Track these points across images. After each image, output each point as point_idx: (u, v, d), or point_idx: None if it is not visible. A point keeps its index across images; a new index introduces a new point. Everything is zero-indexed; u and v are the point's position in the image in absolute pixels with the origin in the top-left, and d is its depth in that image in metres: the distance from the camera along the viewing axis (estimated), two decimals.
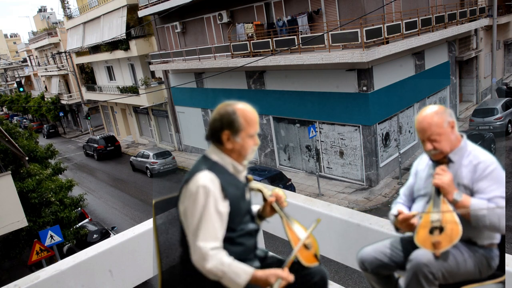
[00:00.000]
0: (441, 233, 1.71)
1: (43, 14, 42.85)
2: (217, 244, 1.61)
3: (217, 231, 1.62)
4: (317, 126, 14.51)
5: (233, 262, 1.59)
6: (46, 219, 9.81)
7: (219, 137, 1.71)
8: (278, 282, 1.58)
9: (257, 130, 1.74)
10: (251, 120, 1.71)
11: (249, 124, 1.70)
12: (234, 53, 15.50)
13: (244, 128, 1.69)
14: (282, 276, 1.59)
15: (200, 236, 1.59)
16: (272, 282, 1.58)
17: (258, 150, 17.47)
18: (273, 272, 1.60)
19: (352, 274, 8.69)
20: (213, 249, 1.58)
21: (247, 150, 1.72)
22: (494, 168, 1.82)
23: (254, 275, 1.59)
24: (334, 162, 14.75)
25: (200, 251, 1.58)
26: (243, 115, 1.69)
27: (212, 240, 1.60)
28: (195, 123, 20.82)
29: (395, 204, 2.15)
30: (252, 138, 1.72)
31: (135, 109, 26.17)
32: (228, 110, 1.70)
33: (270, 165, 17.02)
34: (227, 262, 1.58)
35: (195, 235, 1.60)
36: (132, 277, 2.64)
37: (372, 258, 2.03)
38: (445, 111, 1.90)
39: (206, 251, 1.57)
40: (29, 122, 45.20)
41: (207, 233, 1.59)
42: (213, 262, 1.57)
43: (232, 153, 1.72)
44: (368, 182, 13.70)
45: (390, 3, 12.73)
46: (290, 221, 1.87)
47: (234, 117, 1.68)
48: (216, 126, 1.70)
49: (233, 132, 1.68)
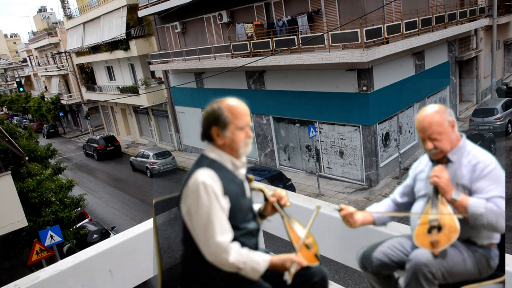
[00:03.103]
0: (439, 232, 1.71)
1: (43, 14, 42.86)
2: (231, 235, 1.64)
3: (226, 224, 1.64)
4: (317, 126, 14.51)
5: (250, 252, 1.64)
6: (46, 219, 9.80)
7: (210, 134, 1.73)
8: (294, 266, 1.64)
9: (247, 123, 1.74)
10: (238, 113, 1.71)
11: (236, 117, 1.70)
12: (234, 53, 15.51)
13: (231, 121, 1.69)
14: (297, 260, 1.65)
15: (216, 231, 1.59)
16: (288, 266, 1.64)
17: (258, 150, 17.48)
18: (288, 257, 1.66)
19: (352, 274, 8.69)
20: (231, 241, 1.62)
21: (238, 144, 1.72)
22: (493, 168, 1.82)
23: (272, 261, 1.65)
24: (334, 162, 14.75)
25: (220, 245, 1.59)
26: (228, 108, 1.71)
27: (228, 233, 1.62)
28: (195, 123, 20.81)
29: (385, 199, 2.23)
30: (242, 131, 1.72)
31: (135, 109, 26.17)
32: (214, 107, 1.73)
33: (270, 165, 17.02)
34: (245, 252, 1.62)
35: (208, 232, 1.60)
36: (132, 277, 2.64)
37: (372, 258, 2.04)
38: (446, 110, 1.90)
39: (227, 245, 1.59)
40: (29, 122, 45.22)
41: (220, 227, 1.60)
42: (234, 255, 1.60)
43: (225, 149, 1.73)
44: (368, 182, 13.70)
45: (390, 3, 12.73)
46: (291, 221, 1.87)
47: (219, 112, 1.70)
48: (205, 124, 1.74)
49: (221, 127, 1.70)
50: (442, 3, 16.16)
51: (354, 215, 2.01)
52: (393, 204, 2.19)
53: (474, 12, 17.61)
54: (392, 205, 2.19)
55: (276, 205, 1.85)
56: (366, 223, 2.07)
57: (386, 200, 2.22)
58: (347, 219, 2.01)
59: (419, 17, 13.44)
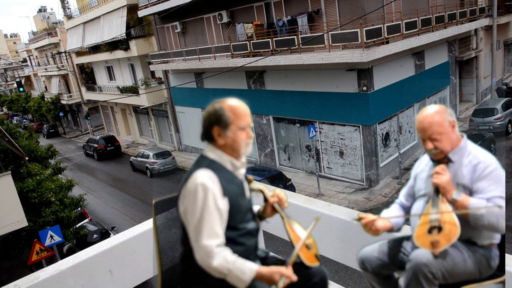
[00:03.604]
0: (440, 232, 1.71)
1: (43, 14, 42.86)
2: (221, 241, 1.61)
3: (218, 228, 1.62)
4: (317, 126, 14.51)
5: (238, 259, 1.60)
6: (46, 219, 9.80)
7: (211, 134, 1.72)
8: (282, 280, 1.58)
9: (249, 123, 1.74)
10: (239, 113, 1.71)
11: (238, 117, 1.70)
12: (234, 53, 15.51)
13: (232, 121, 1.69)
14: (286, 274, 1.59)
15: (204, 234, 1.59)
16: (276, 280, 1.58)
17: (258, 150, 17.48)
18: (277, 270, 1.60)
19: (352, 274, 8.69)
20: (217, 246, 1.59)
21: (239, 144, 1.72)
22: (493, 168, 1.82)
23: (259, 271, 1.60)
24: (334, 162, 14.75)
25: (205, 249, 1.58)
26: (230, 109, 1.70)
27: (215, 238, 1.60)
28: (195, 123, 20.80)
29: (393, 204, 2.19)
30: (243, 131, 1.72)
31: (135, 109, 26.17)
32: (215, 107, 1.72)
33: (270, 165, 17.02)
34: (232, 259, 1.58)
35: (197, 234, 1.60)
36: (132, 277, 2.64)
37: (372, 258, 2.04)
38: (446, 111, 1.90)
39: (211, 249, 1.57)
40: (29, 122, 45.23)
41: (210, 230, 1.59)
42: (218, 260, 1.57)
43: (226, 149, 1.73)
44: (368, 182, 13.70)
45: (390, 3, 12.73)
46: (291, 222, 1.87)
47: (221, 112, 1.69)
48: (206, 124, 1.73)
49: (222, 127, 1.70)
50: (442, 3, 16.16)
51: (376, 222, 1.95)
52: (401, 208, 2.16)
53: (474, 12, 17.61)
54: (400, 209, 2.16)
55: (277, 206, 1.85)
56: (386, 229, 2.00)
57: (394, 206, 2.19)
58: (369, 227, 1.95)
59: (419, 17, 13.44)
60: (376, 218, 1.96)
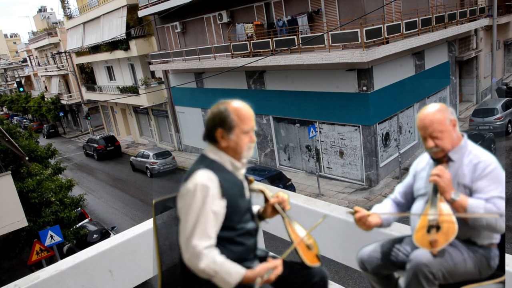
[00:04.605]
0: (438, 232, 1.71)
1: (43, 14, 42.86)
2: (211, 242, 1.60)
3: (211, 230, 1.61)
4: (317, 126, 14.51)
5: (226, 261, 1.58)
6: (46, 219, 9.80)
7: (214, 135, 1.71)
8: (268, 273, 1.58)
9: (252, 127, 1.74)
10: (244, 117, 1.71)
11: (242, 121, 1.70)
12: (234, 53, 15.50)
13: (237, 124, 1.69)
14: (271, 266, 1.59)
15: (195, 235, 1.58)
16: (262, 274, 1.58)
17: (258, 150, 17.48)
18: (263, 267, 1.59)
19: (352, 274, 8.69)
20: (206, 248, 1.58)
21: (242, 147, 1.72)
22: (494, 167, 1.81)
23: (246, 275, 1.58)
24: (334, 162, 14.75)
25: (194, 249, 1.57)
26: (235, 112, 1.70)
27: (207, 239, 1.59)
28: (195, 123, 20.81)
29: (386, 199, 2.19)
30: (247, 135, 1.72)
31: (135, 109, 26.17)
32: (220, 108, 1.71)
33: (270, 165, 17.02)
34: (220, 261, 1.57)
35: (189, 234, 1.59)
36: (132, 277, 2.64)
37: (372, 258, 2.03)
38: (447, 109, 1.90)
39: (200, 250, 1.56)
40: (29, 122, 45.23)
41: (203, 231, 1.58)
42: (206, 261, 1.56)
43: (228, 151, 1.73)
44: (368, 182, 13.70)
45: (390, 3, 12.73)
46: (292, 222, 1.87)
47: (226, 115, 1.68)
48: (210, 125, 1.72)
49: (226, 130, 1.69)
50: (442, 3, 16.15)
51: (369, 218, 1.95)
52: (394, 204, 2.16)
53: (474, 12, 17.61)
54: (394, 205, 2.16)
55: (277, 206, 1.84)
56: (377, 225, 2.02)
57: (387, 201, 2.18)
58: (362, 222, 1.95)
59: (419, 17, 13.44)
60: (370, 214, 1.97)
